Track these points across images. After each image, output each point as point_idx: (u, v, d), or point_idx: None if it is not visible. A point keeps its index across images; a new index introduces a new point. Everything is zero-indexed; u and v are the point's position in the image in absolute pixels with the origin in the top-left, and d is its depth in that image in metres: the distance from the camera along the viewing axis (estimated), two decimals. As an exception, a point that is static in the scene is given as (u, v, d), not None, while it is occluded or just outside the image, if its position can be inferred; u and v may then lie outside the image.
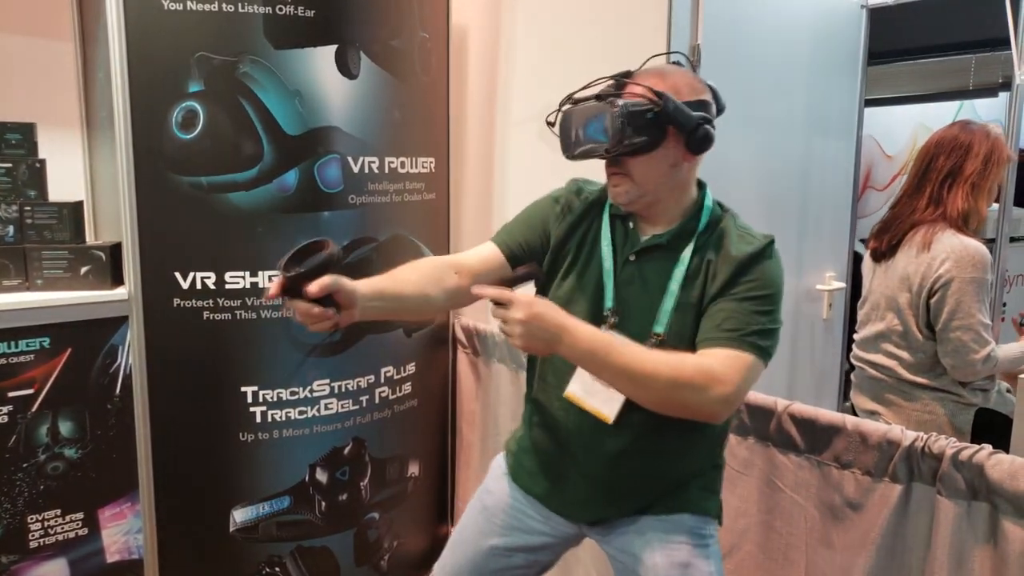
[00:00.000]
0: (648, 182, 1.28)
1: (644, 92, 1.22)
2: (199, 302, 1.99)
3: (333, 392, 2.16)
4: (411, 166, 2.27)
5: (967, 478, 1.36)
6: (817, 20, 2.49)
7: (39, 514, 1.95)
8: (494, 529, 1.50)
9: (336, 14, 2.03)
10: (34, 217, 1.99)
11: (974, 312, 1.84)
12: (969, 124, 1.99)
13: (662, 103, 1.21)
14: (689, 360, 1.22)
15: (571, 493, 1.42)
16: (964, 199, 1.91)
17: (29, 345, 1.90)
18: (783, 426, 1.66)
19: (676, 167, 1.28)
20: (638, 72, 1.30)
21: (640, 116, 1.21)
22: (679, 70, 1.31)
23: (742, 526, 1.77)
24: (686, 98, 1.25)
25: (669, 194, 1.31)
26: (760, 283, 1.25)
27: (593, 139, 1.25)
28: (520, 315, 1.17)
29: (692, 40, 2.13)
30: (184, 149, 1.93)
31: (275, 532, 2.14)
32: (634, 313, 1.32)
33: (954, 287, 1.85)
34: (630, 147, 1.23)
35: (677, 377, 1.18)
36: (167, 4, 1.87)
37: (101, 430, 2.00)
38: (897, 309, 1.97)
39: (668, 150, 1.26)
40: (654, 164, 1.26)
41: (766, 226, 1.35)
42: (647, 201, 1.31)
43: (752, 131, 2.35)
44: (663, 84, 1.25)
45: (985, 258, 1.85)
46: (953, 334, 1.86)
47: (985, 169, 1.92)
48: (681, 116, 1.23)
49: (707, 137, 1.26)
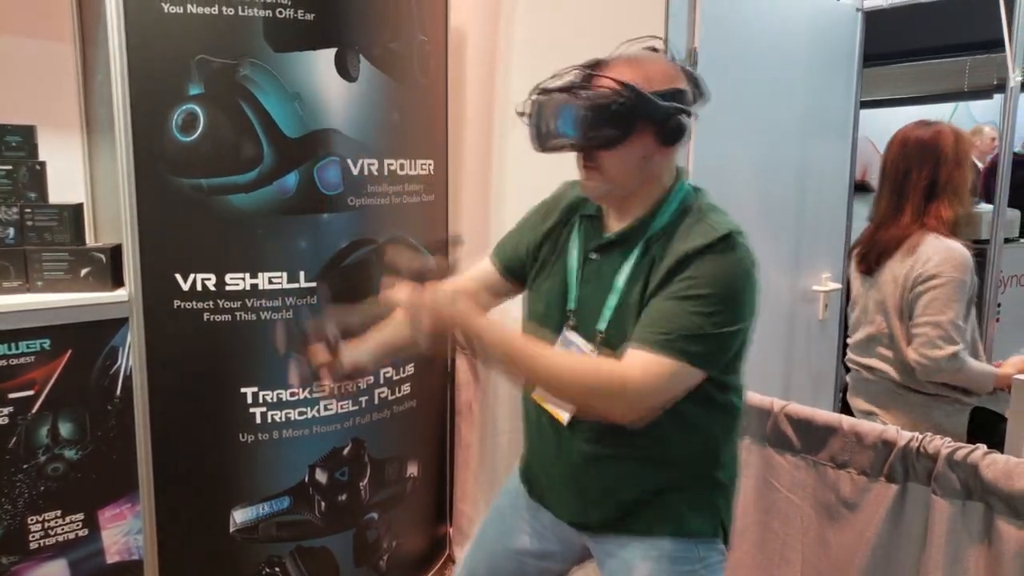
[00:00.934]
0: (619, 175, 1.23)
1: (610, 83, 1.17)
2: (199, 304, 2.00)
3: (332, 393, 2.16)
4: (410, 168, 2.27)
5: (962, 478, 1.37)
6: (813, 23, 2.51)
7: (39, 515, 1.96)
8: (507, 530, 1.50)
9: (335, 17, 2.04)
10: (34, 219, 1.99)
11: (946, 310, 1.84)
12: (928, 124, 1.99)
13: (629, 94, 1.16)
14: (604, 365, 1.17)
15: (556, 491, 1.41)
16: (947, 208, 1.91)
17: (29, 347, 1.90)
18: (779, 426, 1.67)
19: (648, 159, 1.23)
20: (610, 60, 1.24)
21: (606, 108, 1.16)
22: (653, 57, 1.25)
23: (738, 526, 1.78)
24: (658, 87, 1.19)
25: (641, 187, 1.26)
26: (701, 281, 1.15)
27: (561, 132, 1.20)
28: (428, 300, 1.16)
29: (689, 43, 2.14)
30: (184, 151, 1.93)
31: (275, 532, 2.15)
32: (590, 312, 1.28)
33: (931, 284, 1.86)
34: (598, 140, 1.19)
35: (587, 383, 1.16)
36: (167, 7, 1.88)
37: (101, 431, 2.01)
38: (885, 313, 1.98)
39: (638, 142, 1.20)
40: (624, 157, 1.21)
41: (763, 227, 1.35)
42: (619, 195, 1.27)
43: (748, 133, 2.36)
44: (634, 73, 1.19)
45: (967, 261, 1.86)
46: (921, 328, 1.87)
47: (959, 170, 1.92)
48: (650, 107, 1.17)
49: (679, 128, 1.21)
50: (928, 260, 1.87)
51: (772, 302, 2.57)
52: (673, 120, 1.20)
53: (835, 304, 2.76)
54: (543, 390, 1.22)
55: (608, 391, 1.15)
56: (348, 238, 2.13)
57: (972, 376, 1.87)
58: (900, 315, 1.94)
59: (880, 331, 2.01)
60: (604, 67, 1.22)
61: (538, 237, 1.40)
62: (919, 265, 1.88)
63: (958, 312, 1.84)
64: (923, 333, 1.86)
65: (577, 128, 1.18)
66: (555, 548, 1.46)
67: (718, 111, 2.23)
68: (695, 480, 1.32)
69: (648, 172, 1.25)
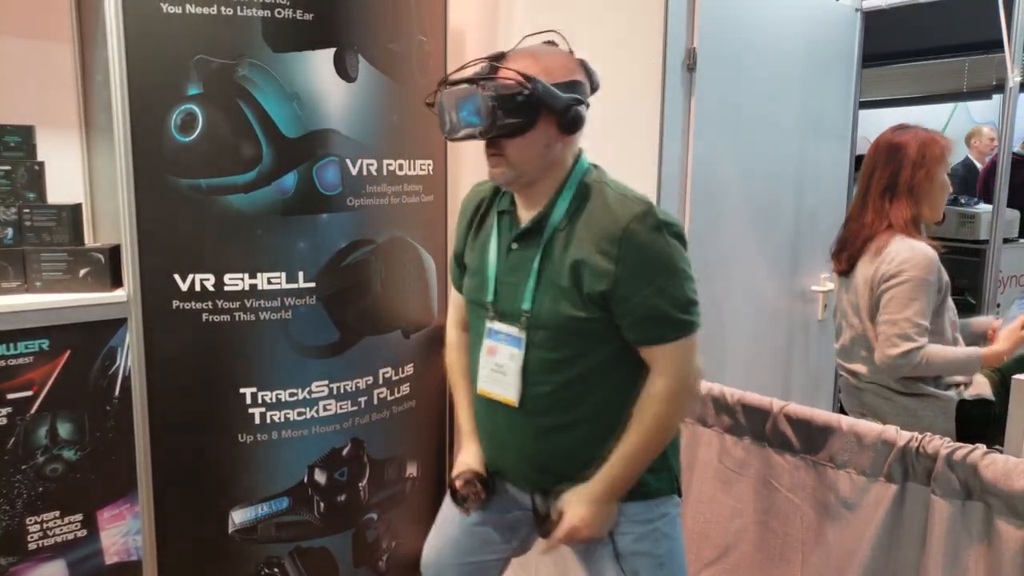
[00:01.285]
0: (524, 162, 1.31)
1: (513, 75, 1.25)
2: (198, 304, 1.99)
3: (332, 393, 2.16)
4: (409, 168, 2.27)
5: (961, 478, 1.37)
6: (812, 23, 2.51)
7: (38, 516, 1.96)
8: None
9: (334, 17, 2.04)
10: (33, 219, 1.99)
11: (903, 309, 1.86)
12: (902, 128, 2.03)
13: (531, 86, 1.25)
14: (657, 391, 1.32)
15: (514, 469, 1.48)
16: (906, 207, 1.95)
17: (28, 347, 1.90)
18: (779, 426, 1.67)
19: (550, 147, 1.32)
20: (512, 53, 1.33)
21: (511, 99, 1.25)
22: (552, 51, 1.35)
23: (738, 526, 1.78)
24: (558, 79, 1.28)
25: (545, 172, 1.35)
26: (660, 265, 1.27)
27: (468, 121, 1.29)
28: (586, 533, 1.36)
29: (688, 44, 2.14)
30: (183, 152, 1.93)
31: (274, 533, 2.14)
32: (512, 298, 1.38)
33: (891, 283, 1.89)
34: (503, 129, 1.26)
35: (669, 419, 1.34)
36: (166, 7, 1.88)
37: (100, 432, 2.00)
38: (860, 315, 2.00)
39: (541, 131, 1.29)
40: (528, 145, 1.30)
41: (761, 227, 1.38)
42: (524, 181, 1.35)
43: (747, 132, 2.36)
44: (535, 66, 1.27)
45: (929, 261, 1.88)
46: (880, 328, 1.90)
47: (921, 171, 1.95)
48: (551, 99, 1.26)
49: (577, 118, 1.31)
50: (892, 260, 1.90)
51: (771, 302, 2.57)
52: (571, 111, 1.29)
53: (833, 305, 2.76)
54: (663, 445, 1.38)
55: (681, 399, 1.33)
56: (347, 238, 2.13)
57: (944, 366, 1.89)
58: (871, 317, 1.96)
59: (859, 334, 2.02)
60: (507, 59, 1.31)
61: (462, 244, 1.54)
62: (884, 265, 1.92)
63: (918, 310, 1.85)
64: (882, 332, 1.90)
65: (484, 117, 1.26)
66: (519, 515, 1.52)
67: (717, 111, 2.25)
68: None
69: (551, 158, 1.34)
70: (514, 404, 1.38)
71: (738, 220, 2.35)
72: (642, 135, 2.13)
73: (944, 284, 1.91)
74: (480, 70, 1.30)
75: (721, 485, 1.80)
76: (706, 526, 1.82)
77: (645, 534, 1.40)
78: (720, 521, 1.81)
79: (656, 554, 1.40)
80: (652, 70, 2.11)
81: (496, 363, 1.40)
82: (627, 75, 2.14)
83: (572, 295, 1.31)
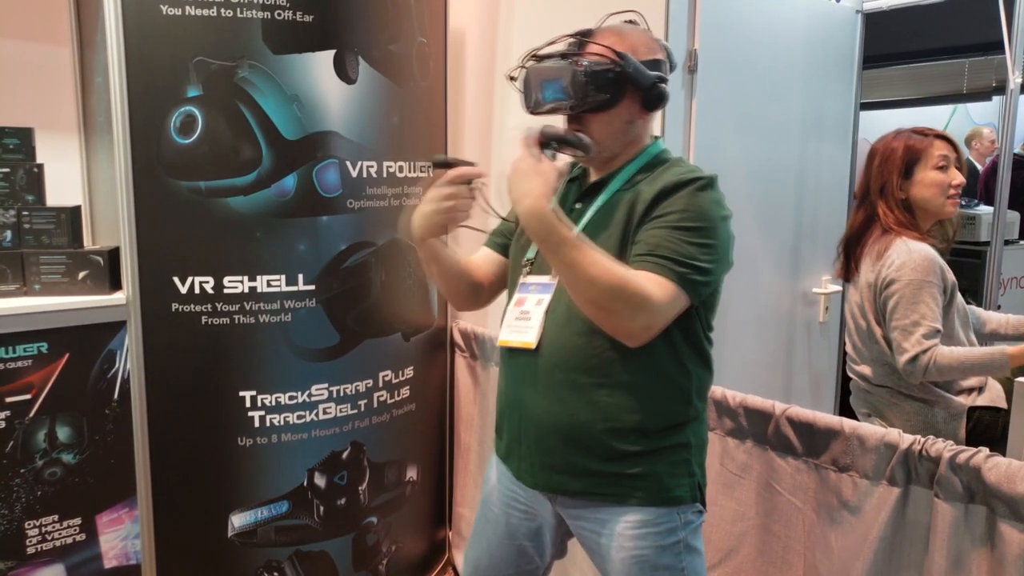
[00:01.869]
0: (605, 137, 1.33)
1: (605, 52, 1.27)
2: (197, 307, 1.99)
3: (331, 396, 2.16)
4: (409, 170, 2.27)
5: (964, 481, 1.36)
6: (813, 25, 2.51)
7: (36, 520, 1.95)
8: (495, 515, 1.50)
9: (334, 19, 2.04)
10: (32, 222, 1.99)
11: (908, 314, 1.85)
12: (897, 133, 2.04)
13: (623, 63, 1.26)
14: (633, 274, 1.21)
15: (525, 456, 1.40)
16: (890, 209, 1.97)
17: (27, 350, 1.89)
18: (781, 429, 1.66)
19: (631, 123, 1.34)
20: (598, 30, 1.34)
21: (602, 75, 1.26)
22: (636, 29, 1.36)
23: (740, 529, 1.77)
24: (643, 57, 1.30)
25: (623, 148, 1.36)
26: (692, 214, 1.24)
27: (556, 97, 1.29)
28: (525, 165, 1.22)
29: (689, 45, 2.14)
30: (182, 154, 1.93)
31: (273, 537, 2.14)
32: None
33: (892, 289, 1.88)
34: (592, 104, 1.28)
35: (619, 284, 1.18)
36: (165, 9, 1.87)
37: (99, 435, 2.00)
38: (867, 319, 1.99)
39: (625, 107, 1.31)
40: (612, 120, 1.31)
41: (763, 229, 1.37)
42: (604, 156, 1.36)
43: (749, 134, 2.36)
44: (622, 44, 1.29)
45: (929, 262, 1.86)
46: (892, 334, 1.89)
47: (886, 171, 1.97)
48: (640, 75, 1.28)
49: (661, 96, 1.32)
50: (891, 265, 1.90)
51: (772, 304, 2.56)
52: (656, 88, 1.30)
53: (835, 306, 2.75)
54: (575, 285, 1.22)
55: (635, 300, 1.19)
56: (347, 241, 2.13)
57: (958, 368, 1.83)
58: (879, 320, 1.95)
59: (866, 336, 2.01)
60: (594, 36, 1.32)
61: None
62: (884, 269, 1.91)
63: (924, 312, 1.84)
64: (893, 339, 1.89)
65: (575, 93, 1.26)
66: (542, 521, 1.45)
67: (719, 113, 2.25)
68: (665, 444, 1.33)
69: (631, 135, 1.35)
70: (531, 346, 1.33)
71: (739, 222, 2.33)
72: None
73: (950, 284, 1.90)
74: (569, 46, 1.32)
75: (723, 488, 1.79)
76: (708, 529, 1.82)
77: (668, 547, 1.33)
78: (722, 524, 1.80)
79: (679, 568, 1.33)
80: (653, 72, 2.11)
81: (522, 311, 1.37)
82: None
83: (616, 236, 1.29)
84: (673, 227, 1.24)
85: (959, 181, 1.96)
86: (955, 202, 1.97)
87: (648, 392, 1.31)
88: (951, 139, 1.99)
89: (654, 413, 1.31)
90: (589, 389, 1.31)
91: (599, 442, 1.32)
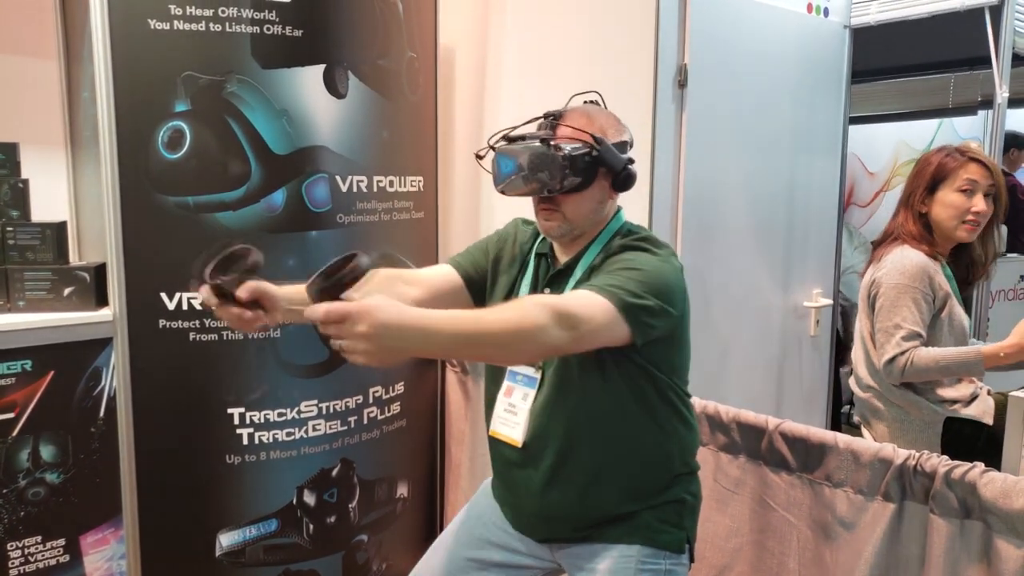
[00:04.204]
0: (576, 217, 1.35)
1: (580, 136, 1.29)
2: (185, 323, 1.97)
3: (321, 413, 2.13)
4: (399, 185, 2.26)
5: (960, 496, 1.36)
6: (802, 40, 2.52)
7: (19, 541, 1.91)
8: (471, 541, 1.53)
9: (324, 33, 2.03)
10: (16, 238, 1.96)
11: (890, 316, 1.87)
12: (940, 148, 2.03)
13: (600, 148, 1.29)
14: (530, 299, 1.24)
15: (524, 512, 1.46)
16: (908, 219, 1.98)
17: (10, 368, 1.87)
18: (775, 444, 1.66)
19: (602, 203, 1.37)
20: (567, 112, 1.35)
21: (580, 159, 1.29)
22: (602, 111, 1.39)
23: (734, 545, 1.76)
24: (612, 139, 1.33)
25: (592, 227, 1.39)
26: (633, 262, 1.27)
27: (534, 178, 1.30)
28: (363, 328, 1.00)
29: (679, 60, 2.15)
30: (170, 169, 1.91)
31: (262, 556, 2.11)
32: None
33: (881, 291, 1.90)
34: (567, 186, 1.29)
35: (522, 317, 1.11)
36: (153, 23, 1.86)
37: (84, 454, 1.97)
38: (863, 322, 2.02)
39: (596, 188, 1.33)
40: (584, 201, 1.33)
41: (753, 243, 1.38)
42: (575, 234, 1.38)
43: (738, 149, 2.37)
44: (592, 126, 1.32)
45: (917, 269, 1.87)
46: (876, 336, 1.91)
47: (915, 183, 1.99)
48: (614, 159, 1.31)
49: (630, 177, 1.35)
50: (882, 267, 1.92)
51: (763, 318, 2.56)
52: (626, 170, 1.34)
53: (826, 320, 2.76)
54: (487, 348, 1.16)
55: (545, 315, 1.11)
56: (337, 256, 2.11)
57: (934, 368, 1.83)
58: (871, 322, 1.97)
59: (861, 339, 2.04)
60: (564, 119, 1.33)
61: (490, 264, 1.50)
62: (876, 273, 1.94)
63: (905, 316, 1.85)
64: (876, 341, 1.91)
65: (553, 175, 1.28)
66: (526, 561, 1.49)
67: (709, 126, 2.26)
68: (659, 499, 1.39)
69: (600, 214, 1.38)
70: (517, 444, 1.38)
71: (729, 236, 2.35)
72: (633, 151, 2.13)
73: (940, 294, 1.90)
74: (541, 129, 1.34)
75: (716, 504, 1.78)
76: (702, 546, 1.80)
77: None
78: (715, 540, 1.79)
79: None
80: (644, 86, 2.11)
81: (510, 403, 1.41)
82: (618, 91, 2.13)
83: None
84: (616, 270, 1.27)
85: (979, 208, 1.90)
86: (970, 228, 1.92)
87: (635, 470, 1.36)
88: (989, 165, 1.93)
89: (643, 485, 1.38)
90: (577, 482, 1.36)
91: (591, 518, 1.38)
